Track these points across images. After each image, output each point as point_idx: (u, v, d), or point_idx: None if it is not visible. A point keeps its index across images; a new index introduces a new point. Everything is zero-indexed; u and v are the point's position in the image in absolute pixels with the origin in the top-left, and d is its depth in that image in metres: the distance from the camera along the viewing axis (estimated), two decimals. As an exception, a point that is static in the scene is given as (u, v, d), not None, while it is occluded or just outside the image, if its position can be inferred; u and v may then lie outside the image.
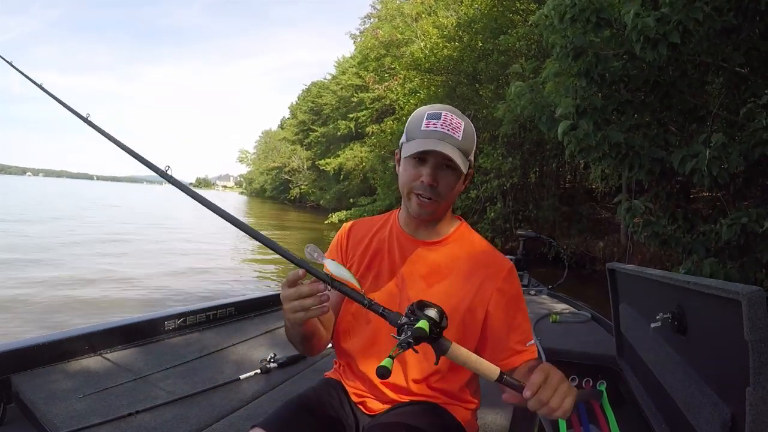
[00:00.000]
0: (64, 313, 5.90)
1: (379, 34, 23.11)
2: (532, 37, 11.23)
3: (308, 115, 45.26)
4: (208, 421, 1.58)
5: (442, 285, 1.17)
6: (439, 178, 1.09)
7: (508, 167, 12.28)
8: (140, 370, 1.88)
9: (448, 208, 1.20)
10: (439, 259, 1.19)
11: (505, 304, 1.15)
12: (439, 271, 1.18)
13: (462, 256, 1.19)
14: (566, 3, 4.02)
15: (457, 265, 1.18)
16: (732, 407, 1.05)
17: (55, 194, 42.20)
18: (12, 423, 1.56)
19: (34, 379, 1.69)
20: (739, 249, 3.91)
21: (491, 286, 1.15)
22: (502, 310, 1.15)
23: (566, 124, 4.32)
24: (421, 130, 1.09)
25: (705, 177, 3.64)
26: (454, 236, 1.21)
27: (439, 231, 1.21)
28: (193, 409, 1.64)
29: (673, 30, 3.47)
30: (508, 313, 1.15)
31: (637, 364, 1.99)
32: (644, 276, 1.72)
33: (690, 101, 4.49)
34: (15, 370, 1.68)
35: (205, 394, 1.76)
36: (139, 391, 1.72)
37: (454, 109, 1.14)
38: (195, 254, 11.68)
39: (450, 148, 1.06)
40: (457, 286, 1.16)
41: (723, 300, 1.04)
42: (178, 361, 2.02)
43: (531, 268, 4.40)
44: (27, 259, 9.19)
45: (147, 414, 1.57)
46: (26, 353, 1.75)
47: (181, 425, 1.53)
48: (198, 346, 2.21)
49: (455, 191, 1.14)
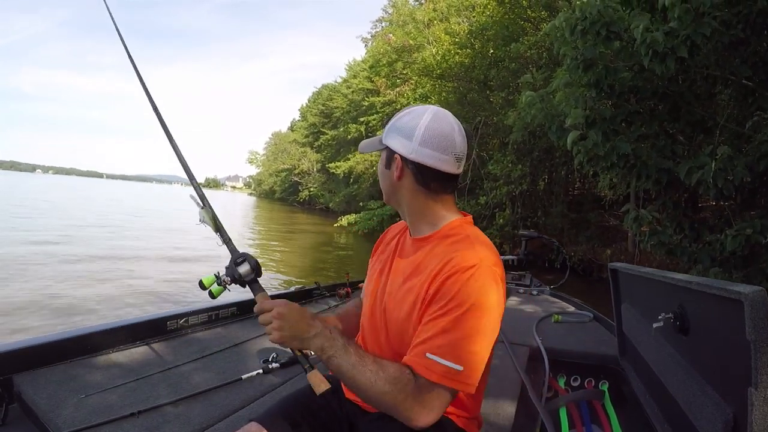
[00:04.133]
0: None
1: (391, 39, 23.18)
2: (543, 45, 11.29)
3: (319, 117, 45.33)
4: (210, 421, 1.57)
5: (412, 282, 1.06)
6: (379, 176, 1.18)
7: (517, 174, 12.31)
8: (143, 370, 1.86)
9: (401, 201, 1.14)
10: (420, 256, 1.09)
11: (431, 298, 0.99)
12: (417, 268, 1.08)
13: (438, 253, 1.05)
14: (577, 16, 4.09)
15: (431, 263, 1.04)
16: (734, 407, 1.04)
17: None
18: (14, 423, 1.54)
19: (36, 379, 1.67)
20: (744, 259, 3.96)
21: (437, 280, 0.99)
22: (427, 304, 0.99)
23: (576, 134, 4.40)
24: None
25: (711, 188, 3.70)
26: (441, 232, 1.10)
27: (427, 228, 1.12)
28: (195, 409, 1.63)
29: (681, 44, 3.54)
30: (429, 309, 0.99)
31: (639, 364, 1.97)
32: (646, 276, 1.71)
33: (698, 113, 4.55)
34: (17, 370, 1.67)
35: (207, 393, 1.75)
36: (141, 391, 1.71)
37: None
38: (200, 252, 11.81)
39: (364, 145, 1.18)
40: (419, 284, 1.03)
41: (725, 300, 1.03)
42: (181, 360, 2.00)
43: (538, 274, 4.41)
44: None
45: (149, 414, 1.56)
46: (29, 353, 1.74)
47: (183, 425, 1.53)
48: (200, 346, 2.19)
49: (389, 181, 1.13)
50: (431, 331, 0.95)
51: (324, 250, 16.86)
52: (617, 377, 2.33)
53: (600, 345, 2.56)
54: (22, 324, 5.41)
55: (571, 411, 2.24)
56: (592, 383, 2.44)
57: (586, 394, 2.34)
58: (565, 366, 2.46)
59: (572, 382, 2.46)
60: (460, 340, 0.93)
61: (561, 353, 2.46)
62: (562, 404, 2.22)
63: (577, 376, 2.46)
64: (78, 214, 20.40)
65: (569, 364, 2.46)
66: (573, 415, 2.22)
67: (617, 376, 2.33)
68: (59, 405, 1.54)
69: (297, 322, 0.98)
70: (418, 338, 0.97)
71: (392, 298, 1.10)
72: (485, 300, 0.95)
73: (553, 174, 13.93)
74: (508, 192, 12.56)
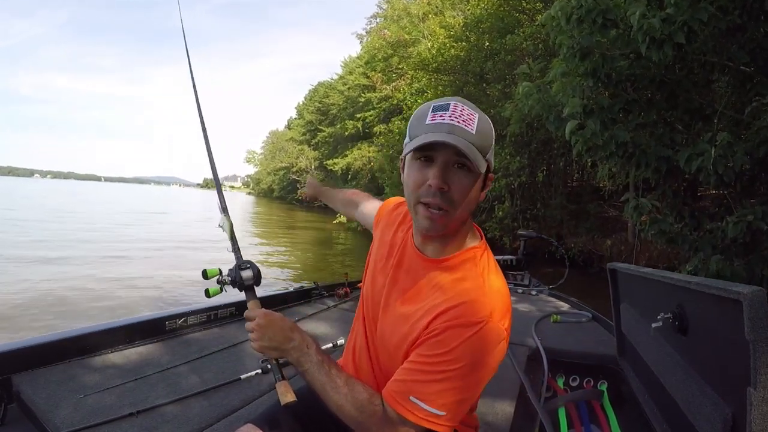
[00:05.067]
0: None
1: (386, 34, 23.15)
2: (539, 37, 11.25)
3: (315, 115, 45.35)
4: (209, 420, 1.58)
5: (409, 308, 0.99)
6: (451, 180, 0.88)
7: (515, 166, 12.27)
8: (141, 370, 1.87)
9: (464, 220, 0.96)
10: (425, 282, 0.99)
11: (425, 339, 0.91)
12: (418, 294, 0.99)
13: (446, 287, 0.95)
14: (573, 4, 4.06)
15: (434, 295, 0.96)
16: (733, 407, 1.05)
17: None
18: (13, 423, 1.54)
19: (35, 379, 1.68)
20: (746, 246, 3.94)
21: (437, 322, 0.91)
22: (420, 344, 0.92)
23: (574, 124, 4.37)
24: (425, 124, 0.89)
25: (711, 175, 3.68)
26: (456, 260, 0.97)
27: (445, 249, 0.98)
28: (193, 409, 1.63)
29: (678, 30, 3.51)
30: (421, 349, 0.91)
31: (637, 364, 1.98)
32: (645, 276, 1.71)
33: (696, 100, 4.52)
34: (16, 370, 1.68)
35: (206, 393, 1.75)
36: (140, 391, 1.72)
37: (466, 101, 0.92)
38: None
39: (461, 141, 0.85)
40: (417, 317, 0.95)
41: (724, 300, 1.03)
42: (179, 360, 2.00)
43: (537, 267, 4.40)
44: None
45: (148, 414, 1.56)
46: (28, 353, 1.74)
47: (182, 425, 1.53)
48: (199, 346, 2.19)
49: (471, 198, 0.91)
50: (419, 376, 0.90)
51: (323, 247, 16.89)
52: (616, 377, 2.33)
53: (599, 345, 2.56)
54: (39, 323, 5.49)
55: (570, 411, 2.24)
56: (590, 383, 2.44)
57: (585, 394, 2.33)
58: (564, 366, 2.46)
59: (571, 382, 2.46)
60: (448, 390, 0.88)
61: (560, 353, 2.46)
62: (561, 404, 2.22)
63: (576, 376, 2.46)
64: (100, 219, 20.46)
65: (568, 364, 2.46)
66: (572, 415, 2.22)
67: (616, 376, 2.33)
68: (58, 405, 1.55)
69: (275, 334, 1.00)
70: (405, 375, 0.92)
71: (386, 317, 1.05)
72: (483, 361, 0.88)
73: (552, 165, 13.90)
74: (507, 184, 12.52)
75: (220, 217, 1.23)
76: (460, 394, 0.88)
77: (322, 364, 0.97)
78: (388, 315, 1.04)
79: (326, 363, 0.97)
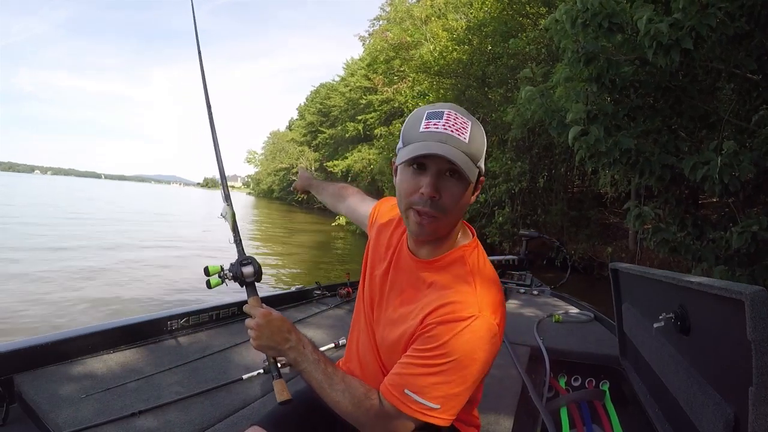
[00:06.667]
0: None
1: (388, 37, 23.15)
2: (542, 41, 11.23)
3: (316, 116, 45.41)
4: (211, 421, 1.58)
5: (406, 309, 1.03)
6: (442, 188, 0.93)
7: (516, 171, 12.24)
8: (143, 370, 1.88)
9: (454, 225, 1.01)
10: (419, 282, 1.04)
11: (419, 335, 0.96)
12: (415, 294, 1.04)
13: (439, 285, 1.00)
14: (578, 8, 4.00)
15: (429, 294, 1.00)
16: (735, 407, 1.06)
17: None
18: (15, 423, 1.55)
19: (37, 379, 1.69)
20: (749, 257, 3.89)
21: (430, 319, 0.96)
22: (414, 339, 0.97)
23: (577, 130, 4.31)
24: (419, 131, 0.93)
25: (717, 185, 3.63)
26: (448, 258, 1.03)
27: (437, 250, 1.04)
28: (196, 409, 1.64)
29: (686, 36, 3.46)
30: (415, 344, 0.96)
31: (639, 364, 1.99)
32: (647, 276, 1.71)
33: (701, 107, 4.47)
34: (18, 370, 1.68)
35: (208, 394, 1.76)
36: (143, 391, 1.72)
37: (460, 108, 0.96)
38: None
39: (454, 151, 0.89)
40: (413, 315, 1.00)
41: (726, 300, 1.03)
42: (182, 360, 2.00)
43: (538, 272, 4.39)
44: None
45: (150, 414, 1.57)
46: (29, 353, 1.75)
47: (184, 425, 1.54)
48: (201, 346, 2.19)
49: (462, 204, 0.95)
50: (413, 369, 0.93)
51: (322, 248, 16.84)
52: (618, 377, 2.34)
53: (601, 345, 2.57)
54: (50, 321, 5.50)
55: (572, 411, 2.24)
56: (592, 383, 2.45)
57: (587, 394, 2.35)
58: (566, 366, 2.47)
59: (573, 382, 2.47)
60: (442, 384, 0.91)
61: (562, 353, 2.48)
62: (563, 404, 2.23)
63: (578, 376, 2.47)
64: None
65: (570, 364, 2.47)
66: (574, 415, 2.23)
67: (618, 375, 2.34)
68: (60, 405, 1.55)
69: (273, 334, 1.02)
70: (400, 369, 0.96)
71: (386, 317, 1.09)
72: (474, 355, 0.91)
73: (553, 171, 13.86)
74: (508, 189, 12.47)
75: (223, 206, 1.23)
76: (453, 388, 0.91)
77: (319, 363, 1.00)
78: (388, 315, 1.08)
79: (322, 362, 1.01)
